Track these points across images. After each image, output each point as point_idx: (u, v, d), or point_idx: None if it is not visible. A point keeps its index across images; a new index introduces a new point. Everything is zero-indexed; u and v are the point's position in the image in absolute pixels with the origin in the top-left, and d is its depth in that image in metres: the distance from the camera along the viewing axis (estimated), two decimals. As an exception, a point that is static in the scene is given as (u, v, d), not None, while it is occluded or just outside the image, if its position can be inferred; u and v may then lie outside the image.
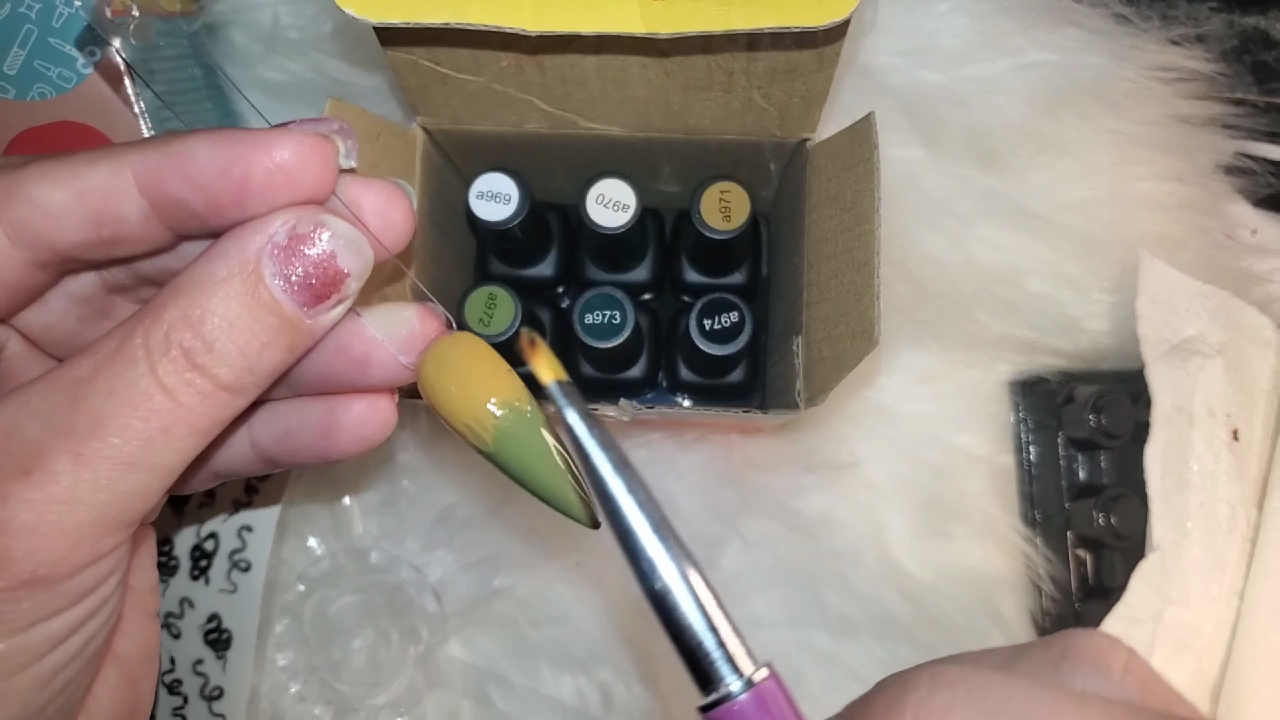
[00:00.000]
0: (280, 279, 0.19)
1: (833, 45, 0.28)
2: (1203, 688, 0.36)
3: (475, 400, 0.20)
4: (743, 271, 0.38)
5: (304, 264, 0.19)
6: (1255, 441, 0.38)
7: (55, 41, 0.33)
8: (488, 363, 0.21)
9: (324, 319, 0.19)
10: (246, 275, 0.18)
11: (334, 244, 0.19)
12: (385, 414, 0.23)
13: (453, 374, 0.21)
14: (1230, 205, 0.42)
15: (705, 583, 0.18)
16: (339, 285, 0.19)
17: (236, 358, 0.18)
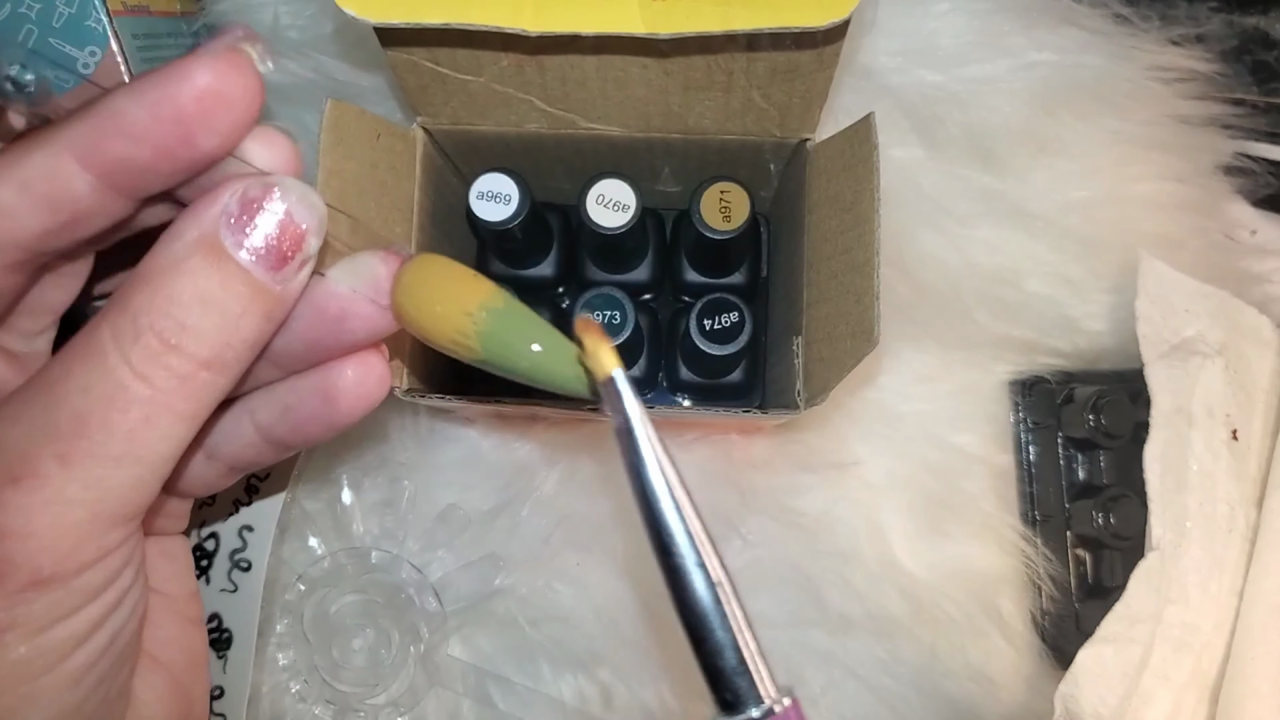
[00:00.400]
0: (243, 248, 0.18)
1: (832, 45, 0.28)
2: (1202, 687, 0.36)
3: (450, 315, 0.20)
4: (742, 272, 0.38)
5: (263, 228, 0.19)
6: (1254, 441, 0.38)
7: (56, 41, 0.33)
8: (451, 275, 0.21)
9: (294, 282, 0.19)
10: (208, 250, 0.18)
11: (288, 201, 0.19)
12: (379, 369, 0.23)
13: (421, 296, 0.21)
14: (1230, 205, 0.42)
15: (739, 603, 0.18)
16: (300, 244, 0.19)
17: (212, 333, 0.18)
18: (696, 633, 0.17)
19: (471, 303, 0.20)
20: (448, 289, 0.20)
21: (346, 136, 0.28)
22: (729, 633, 0.17)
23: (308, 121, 0.39)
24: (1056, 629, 0.38)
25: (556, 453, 0.38)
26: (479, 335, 0.20)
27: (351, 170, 0.29)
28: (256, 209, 0.18)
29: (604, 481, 0.38)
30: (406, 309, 0.21)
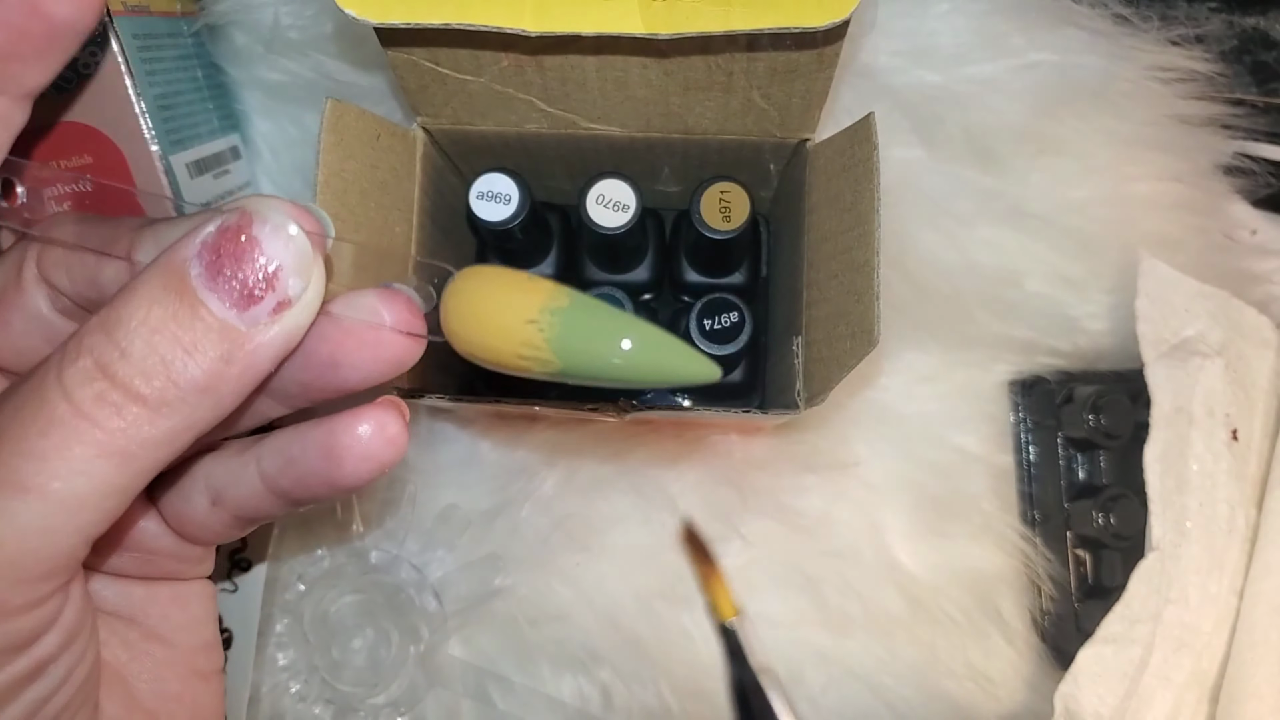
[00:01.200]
0: (205, 277, 0.16)
1: (832, 46, 0.28)
2: (1202, 687, 0.36)
3: (511, 328, 0.18)
4: (742, 272, 0.38)
5: (230, 259, 0.16)
6: (1254, 441, 0.38)
7: (56, 42, 0.33)
8: (503, 283, 0.18)
9: (265, 328, 0.17)
10: (168, 276, 0.16)
11: (260, 233, 0.16)
12: (391, 430, 0.20)
13: (473, 314, 0.18)
14: (1229, 205, 0.42)
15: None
16: (273, 283, 0.16)
17: (156, 367, 0.16)
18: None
19: (532, 308, 0.17)
20: (501, 299, 0.18)
21: (347, 137, 0.28)
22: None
23: (308, 122, 0.39)
24: (1056, 629, 0.38)
25: (556, 453, 0.38)
26: (551, 344, 0.17)
27: (352, 170, 0.29)
28: (230, 239, 0.16)
29: (604, 482, 0.38)
30: (461, 334, 0.18)
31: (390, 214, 0.31)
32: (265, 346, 0.17)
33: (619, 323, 0.17)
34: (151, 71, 0.35)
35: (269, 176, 0.40)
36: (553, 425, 0.38)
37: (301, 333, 0.18)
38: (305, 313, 0.17)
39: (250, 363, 0.17)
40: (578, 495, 0.38)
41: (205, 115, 0.38)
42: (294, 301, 0.17)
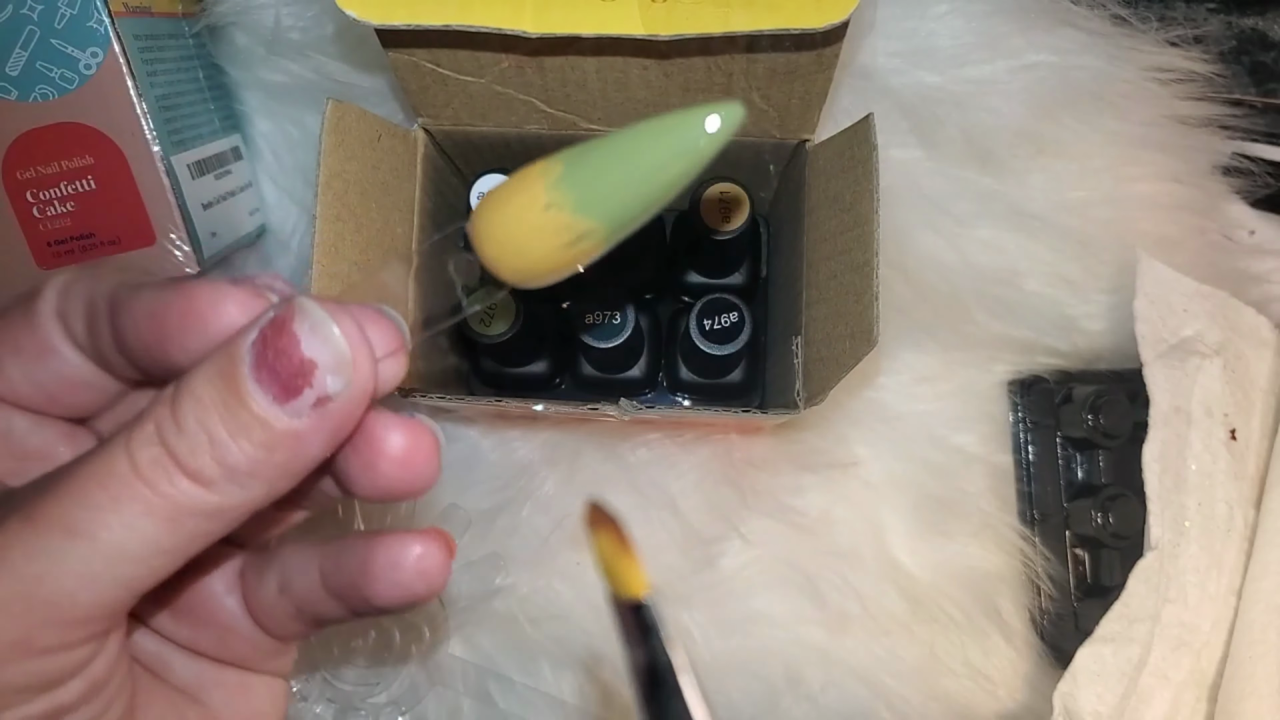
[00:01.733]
0: (253, 366, 0.17)
1: (831, 47, 0.28)
2: (1200, 686, 0.36)
3: (540, 227, 0.17)
4: (742, 272, 0.39)
5: (274, 351, 0.17)
6: (1253, 441, 0.38)
7: (57, 42, 0.33)
8: (506, 197, 0.18)
9: (306, 421, 0.17)
10: (226, 360, 0.17)
11: (300, 330, 0.17)
12: (426, 565, 0.20)
13: (506, 244, 0.18)
14: (1228, 206, 0.42)
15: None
16: (308, 376, 0.17)
17: (204, 445, 0.17)
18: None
19: (539, 196, 0.17)
20: (513, 213, 0.17)
21: (348, 138, 0.29)
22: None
23: (309, 122, 0.39)
24: (1055, 628, 0.38)
25: (557, 452, 0.38)
26: (580, 212, 0.17)
27: (353, 171, 0.29)
28: (275, 331, 0.17)
29: (605, 481, 0.38)
30: (511, 266, 0.18)
31: (391, 214, 0.31)
32: (307, 439, 0.17)
33: (618, 145, 0.17)
34: (153, 72, 0.35)
35: (270, 177, 0.40)
36: (553, 425, 0.38)
37: (347, 427, 0.18)
38: (347, 409, 0.17)
39: (293, 453, 0.17)
40: (578, 495, 0.38)
41: (206, 116, 0.38)
42: (334, 398, 0.17)
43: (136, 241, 0.35)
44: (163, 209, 0.35)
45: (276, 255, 0.40)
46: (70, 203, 0.35)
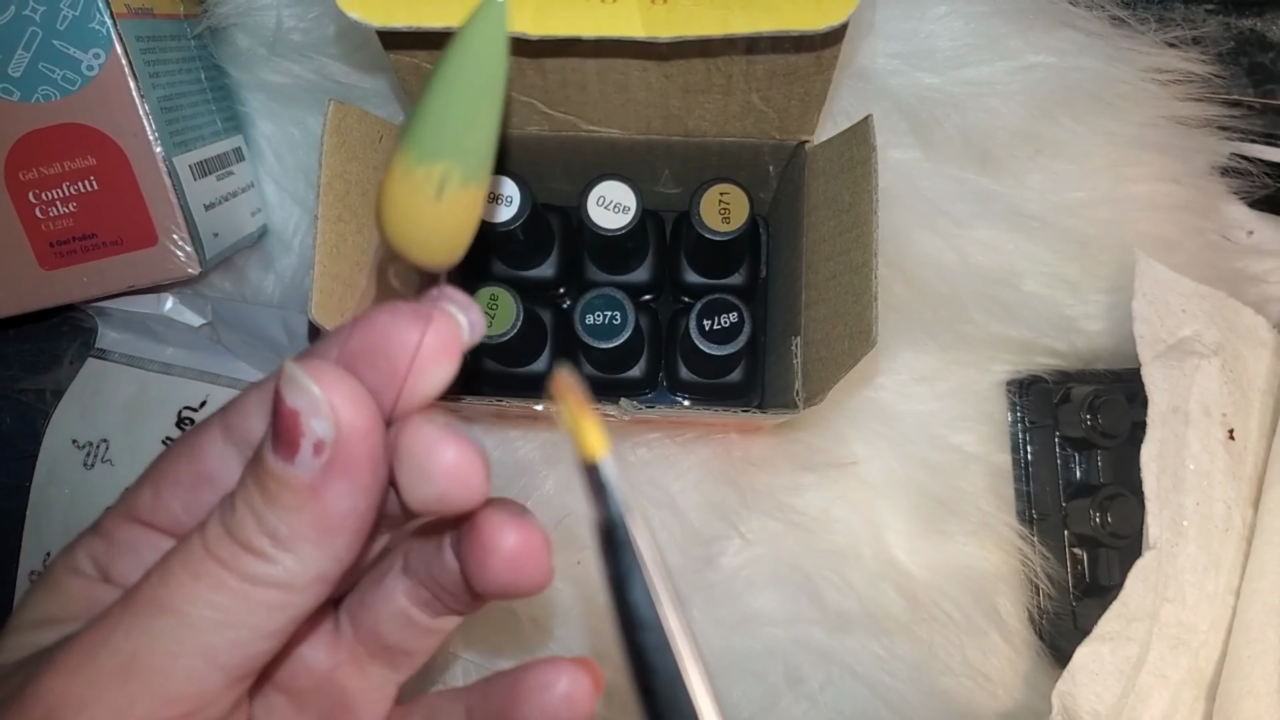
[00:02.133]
0: (269, 436, 0.18)
1: (831, 48, 0.28)
2: (1199, 685, 0.36)
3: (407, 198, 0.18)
4: (742, 273, 0.39)
5: (275, 414, 0.18)
6: (1251, 441, 0.38)
7: (60, 44, 0.33)
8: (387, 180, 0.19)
9: (312, 472, 0.17)
10: (258, 447, 0.18)
11: (281, 383, 0.17)
12: (579, 689, 0.21)
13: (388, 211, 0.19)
14: (1226, 206, 0.42)
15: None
16: (295, 423, 0.17)
17: (250, 519, 0.18)
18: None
19: (394, 169, 0.18)
20: (383, 193, 0.18)
21: (349, 139, 0.29)
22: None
23: (311, 123, 0.39)
24: (1054, 627, 0.38)
25: (557, 452, 0.38)
26: (420, 156, 0.18)
27: (355, 172, 0.29)
28: (275, 398, 0.18)
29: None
30: (405, 244, 0.19)
31: (392, 215, 0.32)
32: (324, 490, 0.18)
33: (424, 90, 0.17)
34: (155, 74, 0.35)
35: (272, 178, 0.40)
36: (553, 425, 0.38)
37: (365, 470, 0.18)
38: (346, 450, 0.18)
39: (319, 509, 0.18)
40: (579, 494, 0.38)
41: (208, 117, 0.38)
42: (327, 442, 0.17)
43: (138, 242, 0.35)
44: (165, 210, 0.35)
45: (278, 256, 0.40)
46: (72, 203, 0.35)
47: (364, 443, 0.18)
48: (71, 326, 0.41)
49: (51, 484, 0.40)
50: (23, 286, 0.36)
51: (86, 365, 0.41)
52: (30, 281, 0.35)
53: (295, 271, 0.40)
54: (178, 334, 0.40)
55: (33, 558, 0.40)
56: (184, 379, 0.40)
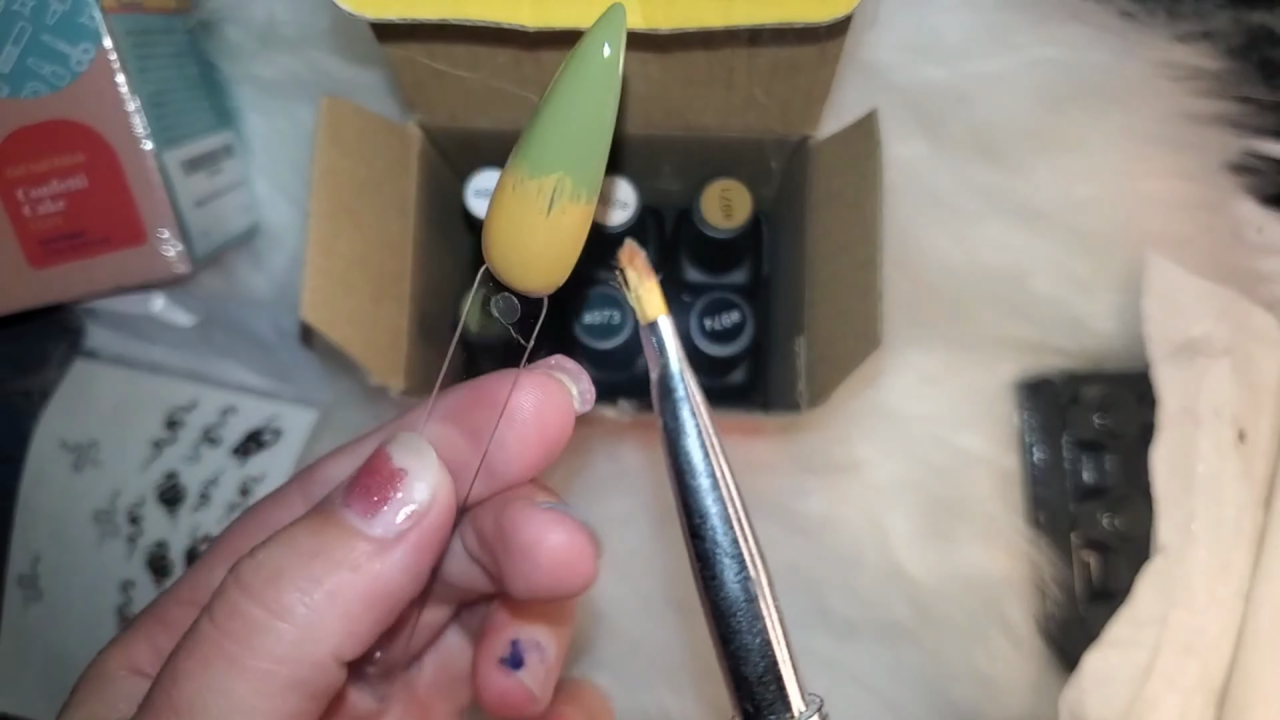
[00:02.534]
0: (344, 491, 0.17)
1: (835, 41, 0.27)
2: (1208, 691, 0.36)
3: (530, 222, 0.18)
4: (744, 270, 0.38)
5: (366, 471, 0.17)
6: (1262, 443, 0.38)
7: (49, 39, 0.33)
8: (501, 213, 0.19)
9: (392, 535, 0.17)
10: (325, 501, 0.17)
11: (391, 446, 0.17)
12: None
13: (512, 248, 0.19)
14: (1238, 204, 0.41)
15: (776, 603, 0.15)
16: (394, 481, 0.17)
17: (278, 573, 0.16)
18: (722, 630, 0.15)
19: (505, 185, 0.18)
20: (493, 211, 0.18)
21: (342, 134, 0.28)
22: (759, 635, 0.15)
23: (303, 118, 0.38)
24: (1062, 633, 0.38)
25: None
26: (532, 170, 0.18)
27: (347, 168, 0.29)
28: (373, 456, 0.17)
29: (605, 483, 0.38)
30: (510, 267, 0.19)
31: (386, 211, 0.31)
32: (393, 557, 0.17)
33: (540, 106, 0.18)
34: (145, 69, 0.34)
35: (264, 174, 0.40)
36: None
37: (430, 554, 0.17)
38: (433, 527, 0.17)
39: (377, 573, 0.17)
40: (579, 496, 0.37)
41: (199, 112, 0.37)
42: (421, 509, 0.17)
43: (127, 240, 0.35)
44: (154, 206, 0.34)
45: (270, 253, 0.40)
46: (61, 201, 0.34)
47: (446, 527, 0.17)
48: (59, 326, 0.41)
49: (40, 486, 0.40)
50: (10, 286, 0.35)
51: (74, 366, 0.40)
52: (18, 280, 0.35)
53: (287, 270, 0.39)
54: (167, 334, 0.40)
55: (20, 562, 0.40)
56: (174, 379, 0.40)
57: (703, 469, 0.15)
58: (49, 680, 0.40)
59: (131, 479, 0.38)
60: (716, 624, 0.15)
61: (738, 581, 0.15)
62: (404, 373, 0.31)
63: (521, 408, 0.18)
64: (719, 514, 0.15)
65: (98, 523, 0.38)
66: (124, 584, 0.38)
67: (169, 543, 0.37)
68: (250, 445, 0.38)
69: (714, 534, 0.15)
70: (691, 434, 0.15)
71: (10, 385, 0.41)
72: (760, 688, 0.15)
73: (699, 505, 0.15)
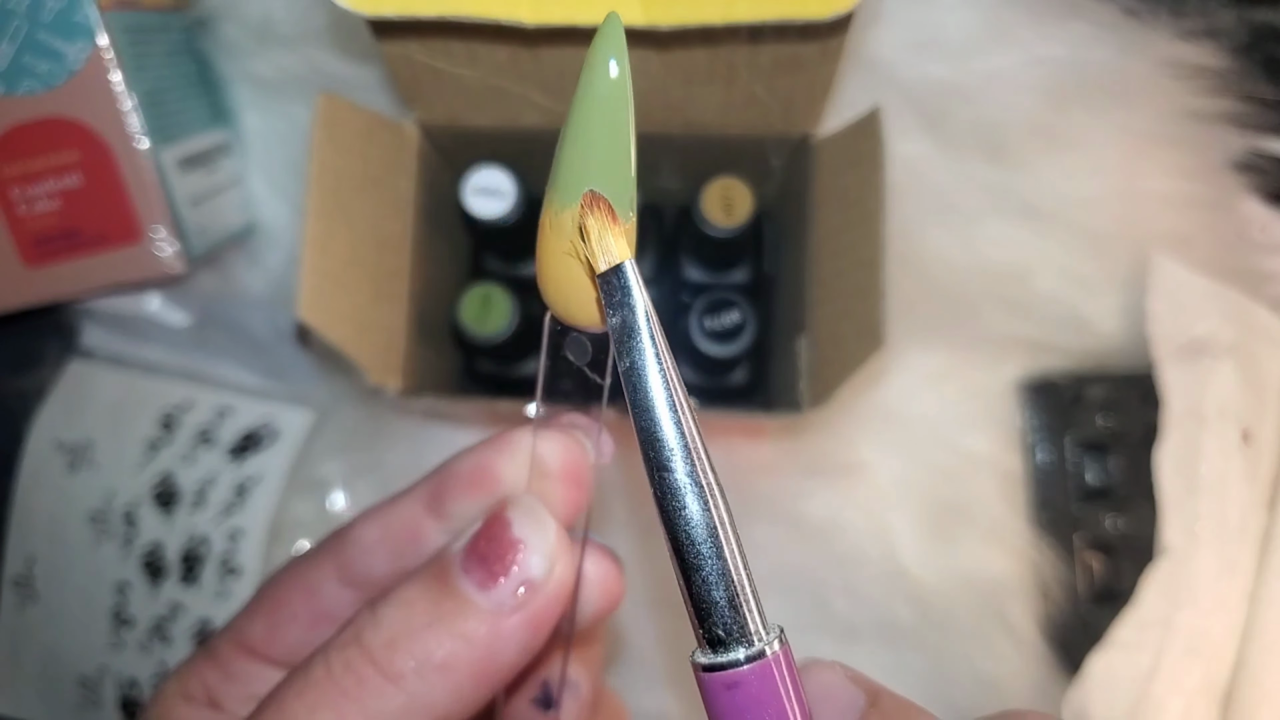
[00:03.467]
0: (463, 557, 0.17)
1: (837, 38, 0.27)
2: (1213, 693, 0.36)
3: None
4: (745, 270, 0.38)
5: (484, 538, 0.17)
6: (1267, 443, 0.38)
7: (45, 36, 0.33)
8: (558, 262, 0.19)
9: (509, 612, 0.17)
10: (440, 561, 0.17)
11: (512, 513, 0.17)
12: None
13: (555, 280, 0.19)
14: (1241, 203, 0.41)
15: (735, 532, 0.16)
16: (513, 553, 0.17)
17: (400, 637, 0.17)
18: (687, 561, 0.16)
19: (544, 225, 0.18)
20: (539, 254, 0.19)
21: (339, 132, 0.28)
22: (721, 562, 0.16)
23: (300, 116, 0.38)
24: (1065, 635, 0.38)
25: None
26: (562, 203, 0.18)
27: (344, 166, 0.28)
28: (490, 522, 0.17)
29: (604, 485, 0.37)
30: (567, 306, 0.19)
31: (383, 210, 0.31)
32: (507, 631, 0.17)
33: (560, 138, 0.18)
34: (141, 66, 0.34)
35: (260, 172, 0.39)
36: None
37: (541, 631, 0.18)
38: (546, 602, 0.17)
39: (490, 647, 0.17)
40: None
41: (196, 110, 0.37)
42: (538, 584, 0.17)
43: (123, 238, 0.35)
44: (150, 204, 0.34)
45: (266, 251, 0.39)
46: (56, 199, 0.34)
47: (563, 600, 0.17)
48: (54, 326, 0.40)
49: (35, 487, 0.39)
50: (5, 285, 0.35)
51: (69, 366, 0.40)
52: (12, 279, 0.35)
53: (283, 269, 0.39)
54: (163, 333, 0.39)
55: (16, 563, 0.39)
56: (169, 379, 0.40)
57: (667, 406, 0.16)
58: (44, 681, 0.39)
59: (127, 479, 0.38)
60: (681, 555, 0.16)
61: (701, 514, 0.16)
62: (401, 372, 0.31)
63: (548, 465, 0.19)
64: (682, 450, 0.16)
65: (93, 524, 0.38)
66: (119, 585, 0.37)
67: (164, 544, 0.37)
68: (246, 445, 0.38)
69: (679, 469, 0.16)
70: (655, 373, 0.16)
71: (4, 385, 0.41)
72: (722, 616, 0.16)
73: (665, 441, 0.16)
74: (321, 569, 0.20)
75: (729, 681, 0.15)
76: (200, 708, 0.20)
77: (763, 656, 0.15)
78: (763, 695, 0.15)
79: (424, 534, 0.19)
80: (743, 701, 0.15)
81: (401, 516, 0.19)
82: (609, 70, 0.18)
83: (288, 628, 0.20)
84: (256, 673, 0.20)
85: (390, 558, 0.19)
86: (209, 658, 0.20)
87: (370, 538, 0.20)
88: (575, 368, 0.20)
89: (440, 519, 0.19)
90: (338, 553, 0.20)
